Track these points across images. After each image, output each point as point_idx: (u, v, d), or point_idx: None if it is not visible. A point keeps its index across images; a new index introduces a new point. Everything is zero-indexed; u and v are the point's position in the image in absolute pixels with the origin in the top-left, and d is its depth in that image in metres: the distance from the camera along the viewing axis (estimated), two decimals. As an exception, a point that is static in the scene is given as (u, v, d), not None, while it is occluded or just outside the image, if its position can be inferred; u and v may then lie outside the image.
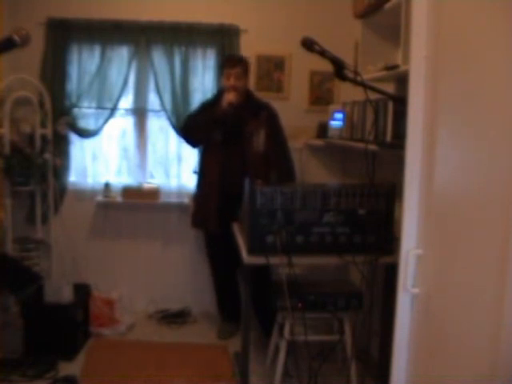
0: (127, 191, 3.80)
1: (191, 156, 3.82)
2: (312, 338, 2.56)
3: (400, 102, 2.38)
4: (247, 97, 3.38)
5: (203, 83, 3.76)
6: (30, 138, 3.55)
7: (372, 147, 2.53)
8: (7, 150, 3.35)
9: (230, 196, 3.16)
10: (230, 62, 3.36)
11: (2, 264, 3.17)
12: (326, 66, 2.29)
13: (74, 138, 3.80)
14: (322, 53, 2.19)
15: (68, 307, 3.14)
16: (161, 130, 3.89)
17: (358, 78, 2.21)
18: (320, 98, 3.87)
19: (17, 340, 3.07)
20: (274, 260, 2.35)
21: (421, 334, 1.46)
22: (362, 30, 2.91)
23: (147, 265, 3.94)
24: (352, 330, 2.77)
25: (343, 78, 2.21)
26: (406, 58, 2.20)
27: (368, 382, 2.82)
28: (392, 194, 2.45)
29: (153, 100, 3.82)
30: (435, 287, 1.39)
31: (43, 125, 3.58)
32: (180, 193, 3.87)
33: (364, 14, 2.87)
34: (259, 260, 2.38)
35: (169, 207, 3.89)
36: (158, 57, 3.72)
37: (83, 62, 3.70)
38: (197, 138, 3.47)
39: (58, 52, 3.65)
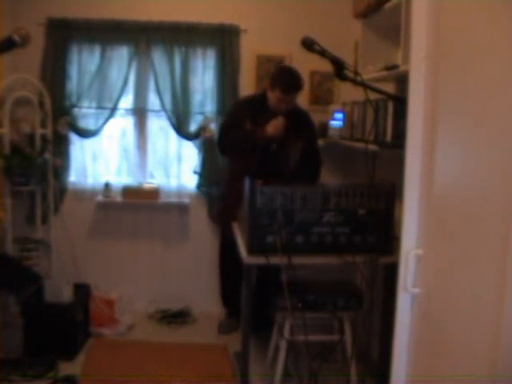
0: (127, 191, 3.80)
1: (191, 156, 3.83)
2: (312, 337, 2.56)
3: (400, 102, 2.39)
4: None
5: (203, 83, 3.76)
6: (30, 137, 3.55)
7: (372, 147, 2.53)
8: (7, 149, 3.35)
9: None
10: (290, 87, 3.05)
11: (2, 264, 3.17)
12: (326, 66, 2.29)
13: (74, 138, 3.80)
14: (322, 53, 2.19)
15: (68, 307, 3.13)
16: (161, 130, 3.89)
17: (358, 78, 2.20)
18: (320, 97, 3.87)
19: (17, 340, 3.07)
20: (274, 260, 2.35)
21: (421, 334, 1.46)
22: (362, 29, 2.90)
23: (147, 265, 3.94)
24: (352, 330, 2.77)
25: (343, 78, 2.21)
26: (406, 58, 2.20)
27: (368, 382, 2.82)
28: (392, 194, 2.45)
29: (153, 100, 3.81)
30: (435, 287, 1.39)
31: (43, 125, 3.58)
32: (180, 193, 3.87)
33: (364, 14, 2.87)
34: (259, 260, 2.38)
35: (169, 207, 3.89)
36: (158, 57, 3.72)
37: (83, 62, 3.70)
38: (234, 153, 3.36)
39: (58, 52, 3.65)
